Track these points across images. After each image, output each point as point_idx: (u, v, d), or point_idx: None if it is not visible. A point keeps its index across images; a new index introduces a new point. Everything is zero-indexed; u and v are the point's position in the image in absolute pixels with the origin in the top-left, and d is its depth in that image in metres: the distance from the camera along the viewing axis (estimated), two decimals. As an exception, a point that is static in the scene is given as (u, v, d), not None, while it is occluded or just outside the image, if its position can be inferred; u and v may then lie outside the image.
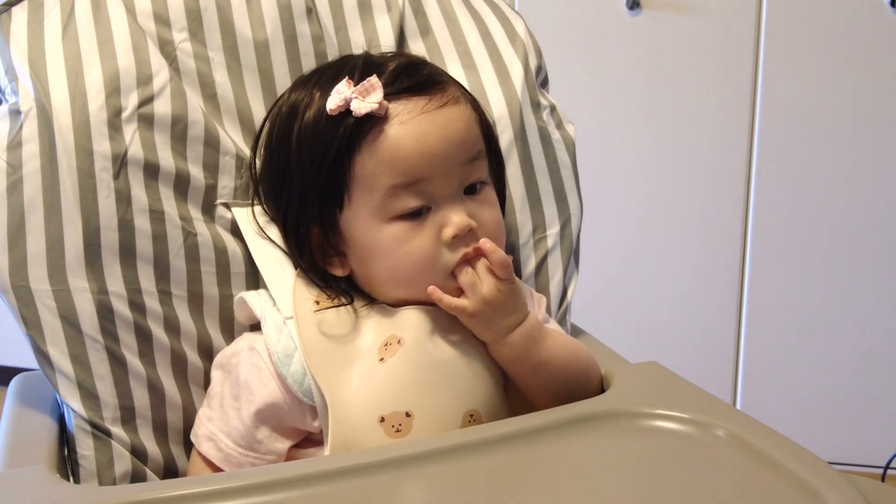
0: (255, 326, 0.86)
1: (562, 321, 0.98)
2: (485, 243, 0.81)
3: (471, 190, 0.84)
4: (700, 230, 2.02)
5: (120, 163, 0.84)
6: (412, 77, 0.83)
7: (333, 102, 0.81)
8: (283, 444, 0.82)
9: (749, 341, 2.05)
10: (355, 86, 0.81)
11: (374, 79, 0.81)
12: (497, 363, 0.83)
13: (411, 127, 0.81)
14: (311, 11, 0.97)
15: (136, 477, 0.83)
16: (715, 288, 2.04)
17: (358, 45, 0.97)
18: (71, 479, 0.81)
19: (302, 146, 0.83)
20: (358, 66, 0.84)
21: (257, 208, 0.90)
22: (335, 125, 0.81)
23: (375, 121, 0.81)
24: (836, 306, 2.00)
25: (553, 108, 1.02)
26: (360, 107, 0.80)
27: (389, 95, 0.81)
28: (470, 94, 0.89)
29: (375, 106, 0.80)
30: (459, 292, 0.82)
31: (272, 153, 0.88)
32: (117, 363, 0.82)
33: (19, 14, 0.89)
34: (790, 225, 1.99)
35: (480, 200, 0.84)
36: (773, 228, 1.99)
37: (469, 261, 0.81)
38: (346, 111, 0.81)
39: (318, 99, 0.83)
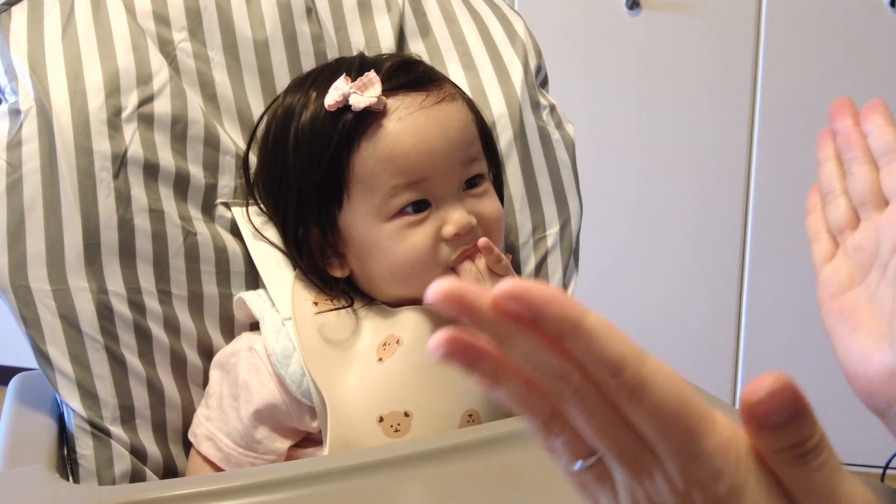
0: (256, 325, 0.86)
1: (561, 321, 0.98)
2: (481, 243, 0.81)
3: (470, 184, 0.84)
4: (700, 229, 2.02)
5: (120, 162, 0.84)
6: (409, 74, 0.84)
7: (332, 98, 0.81)
8: (283, 444, 0.82)
9: (749, 341, 2.05)
10: (353, 82, 0.81)
11: (371, 73, 0.81)
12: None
13: (410, 122, 0.81)
14: (310, 11, 0.97)
15: (136, 476, 0.82)
16: (714, 288, 2.04)
17: (358, 45, 0.97)
18: (70, 478, 0.81)
19: (299, 146, 0.83)
20: (354, 65, 0.85)
21: (253, 208, 0.90)
22: (333, 122, 0.81)
23: (374, 116, 0.81)
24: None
25: (553, 108, 1.01)
26: (359, 101, 0.80)
27: (387, 91, 0.81)
28: (465, 93, 0.89)
29: (374, 100, 0.80)
30: (459, 289, 0.82)
31: (268, 157, 0.88)
32: (117, 363, 0.82)
33: (19, 13, 0.89)
34: (790, 224, 1.98)
35: (479, 193, 0.84)
36: (772, 228, 1.99)
37: (469, 256, 0.82)
38: (344, 107, 0.81)
39: (315, 99, 0.83)
